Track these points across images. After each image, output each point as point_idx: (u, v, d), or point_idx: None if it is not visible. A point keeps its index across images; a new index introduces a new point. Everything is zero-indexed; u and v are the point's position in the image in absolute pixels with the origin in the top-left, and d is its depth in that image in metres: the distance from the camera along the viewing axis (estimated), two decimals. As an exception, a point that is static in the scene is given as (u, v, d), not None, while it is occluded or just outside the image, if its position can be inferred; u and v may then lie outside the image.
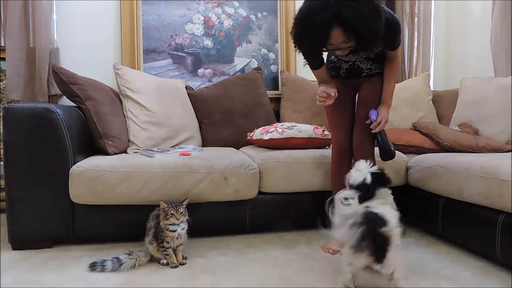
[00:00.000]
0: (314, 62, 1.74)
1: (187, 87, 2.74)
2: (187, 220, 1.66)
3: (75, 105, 2.08)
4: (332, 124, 1.90)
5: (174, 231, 1.61)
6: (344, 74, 1.85)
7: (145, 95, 2.36)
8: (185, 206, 1.66)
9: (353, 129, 1.87)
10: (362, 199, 1.42)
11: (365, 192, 1.42)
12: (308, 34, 1.46)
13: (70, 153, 1.81)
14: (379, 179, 1.46)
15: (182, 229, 1.63)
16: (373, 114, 1.75)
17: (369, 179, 1.44)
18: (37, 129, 1.75)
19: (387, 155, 1.77)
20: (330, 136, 2.12)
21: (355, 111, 1.90)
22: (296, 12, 1.51)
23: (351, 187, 1.46)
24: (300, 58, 2.98)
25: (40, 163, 1.76)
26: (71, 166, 1.79)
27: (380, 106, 1.80)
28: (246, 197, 1.98)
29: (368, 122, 1.77)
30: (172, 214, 1.60)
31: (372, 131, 1.75)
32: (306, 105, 2.79)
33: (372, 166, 1.48)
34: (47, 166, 1.77)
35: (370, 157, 1.82)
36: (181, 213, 1.62)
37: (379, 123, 1.73)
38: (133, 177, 1.80)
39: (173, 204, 1.62)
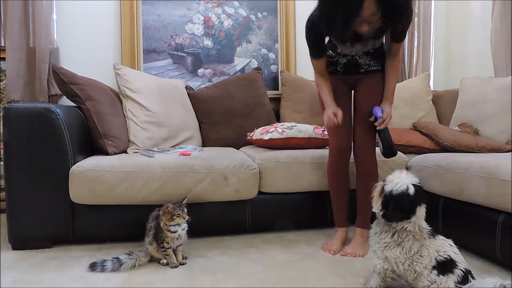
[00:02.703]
0: (322, 50, 1.75)
1: (187, 87, 2.74)
2: (186, 220, 1.66)
3: (75, 105, 2.08)
4: None
5: (175, 231, 1.60)
6: (341, 70, 1.82)
7: (145, 95, 2.36)
8: (185, 205, 1.66)
9: (353, 128, 1.85)
10: (399, 215, 1.28)
11: (405, 205, 1.25)
12: (343, 4, 1.44)
13: (70, 153, 1.81)
14: (420, 193, 1.28)
15: (182, 229, 1.63)
16: (378, 111, 1.73)
17: (412, 190, 1.26)
18: (37, 129, 1.75)
19: (390, 152, 1.73)
20: (330, 136, 2.11)
21: (351, 109, 1.87)
22: None
23: (388, 196, 1.28)
24: (299, 59, 3.03)
25: (40, 163, 1.76)
26: (71, 166, 1.79)
27: (383, 103, 1.77)
28: (246, 197, 1.98)
29: (372, 119, 1.75)
30: (178, 214, 1.60)
31: (377, 128, 1.73)
32: (306, 105, 2.79)
33: (415, 178, 1.30)
34: (47, 166, 1.77)
35: (372, 157, 1.82)
36: (185, 213, 1.63)
37: (383, 120, 1.71)
38: (133, 177, 1.80)
39: (178, 205, 1.62)
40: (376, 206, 1.33)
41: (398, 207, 1.27)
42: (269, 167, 2.01)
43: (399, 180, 1.28)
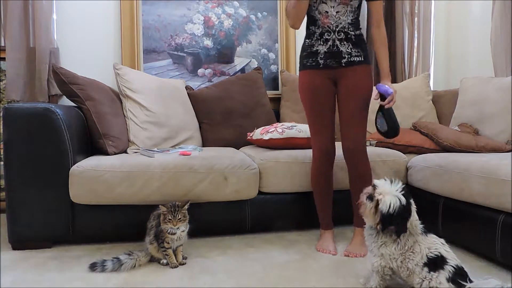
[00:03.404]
0: None
1: (187, 87, 2.74)
2: (188, 222, 1.65)
3: (75, 105, 2.08)
4: (313, 122, 1.80)
5: (174, 234, 1.60)
6: (322, 62, 1.75)
7: (145, 95, 2.36)
8: (185, 210, 1.64)
9: (341, 128, 1.77)
10: (405, 227, 1.29)
11: (405, 216, 1.29)
12: None
13: (70, 153, 1.81)
14: (409, 194, 1.32)
15: (182, 231, 1.62)
16: (388, 89, 1.65)
17: (404, 201, 1.28)
18: (37, 129, 1.75)
19: (394, 132, 1.67)
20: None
21: (335, 107, 1.81)
22: None
23: (387, 217, 1.28)
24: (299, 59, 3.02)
25: (40, 163, 1.76)
26: (71, 166, 1.79)
27: (384, 81, 1.74)
28: (246, 197, 1.98)
29: (376, 97, 1.70)
30: (169, 220, 1.59)
31: (386, 107, 1.66)
32: (306, 105, 2.79)
33: (398, 183, 1.32)
34: (47, 166, 1.77)
35: (365, 157, 1.77)
36: (179, 219, 1.59)
37: (392, 98, 1.65)
38: (133, 177, 1.80)
39: (172, 209, 1.60)
40: (371, 222, 1.34)
41: (402, 223, 1.29)
42: (269, 167, 2.01)
43: (390, 197, 1.28)
